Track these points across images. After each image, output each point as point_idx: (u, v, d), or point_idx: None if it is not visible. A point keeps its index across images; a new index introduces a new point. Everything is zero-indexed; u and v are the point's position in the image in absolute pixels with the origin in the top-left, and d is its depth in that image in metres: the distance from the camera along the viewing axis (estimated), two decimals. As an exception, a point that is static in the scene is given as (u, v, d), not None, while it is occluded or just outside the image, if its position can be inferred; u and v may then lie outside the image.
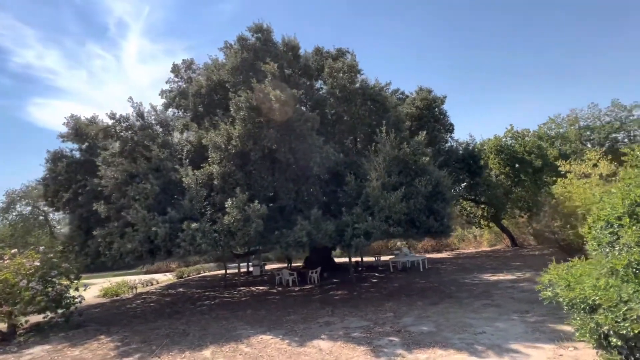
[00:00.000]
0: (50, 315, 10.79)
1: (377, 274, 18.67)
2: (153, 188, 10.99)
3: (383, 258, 24.10)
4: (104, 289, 17.78)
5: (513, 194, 24.94)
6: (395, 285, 14.71)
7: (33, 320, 11.20)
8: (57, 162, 14.41)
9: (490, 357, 6.12)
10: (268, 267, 26.11)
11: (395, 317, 9.43)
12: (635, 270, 5.13)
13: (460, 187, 22.67)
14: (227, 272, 18.74)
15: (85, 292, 12.27)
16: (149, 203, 10.93)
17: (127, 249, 10.35)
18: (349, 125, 15.61)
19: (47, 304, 10.38)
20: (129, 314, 12.87)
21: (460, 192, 23.21)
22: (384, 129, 12.10)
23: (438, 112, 19.78)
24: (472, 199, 24.79)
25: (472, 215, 26.55)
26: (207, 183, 11.64)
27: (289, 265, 23.47)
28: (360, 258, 20.63)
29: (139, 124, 13.15)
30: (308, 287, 16.11)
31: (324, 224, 10.79)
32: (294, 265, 23.68)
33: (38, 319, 11.26)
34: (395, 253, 23.63)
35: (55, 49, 68.56)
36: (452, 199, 14.52)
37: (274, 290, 16.03)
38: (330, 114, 15.82)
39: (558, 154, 23.01)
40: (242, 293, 16.02)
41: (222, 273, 23.40)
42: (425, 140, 12.38)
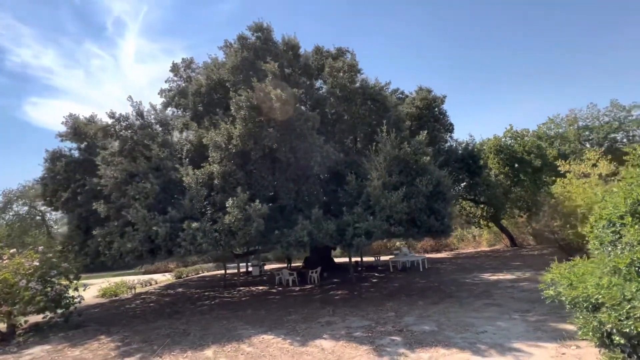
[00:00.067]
0: (50, 315, 10.73)
1: (377, 274, 18.67)
2: (153, 187, 10.95)
3: (382, 258, 24.10)
4: (103, 289, 17.71)
5: (512, 194, 24.99)
6: (396, 285, 14.71)
7: (32, 321, 11.14)
8: (55, 161, 14.33)
9: (493, 356, 6.13)
10: (267, 267, 26.07)
11: (397, 316, 9.42)
12: (638, 269, 5.14)
13: (460, 187, 22.70)
14: (226, 272, 18.68)
15: (84, 292, 12.21)
16: (149, 202, 10.88)
17: (127, 249, 10.30)
18: (349, 125, 15.61)
19: (46, 304, 10.33)
20: (129, 314, 12.82)
21: (460, 192, 23.23)
22: (385, 129, 12.09)
23: (438, 111, 19.80)
24: (471, 199, 24.83)
25: (471, 215, 26.60)
26: (207, 182, 11.61)
27: (289, 265, 23.44)
28: (360, 258, 20.62)
29: (139, 123, 13.11)
30: (308, 287, 16.09)
31: (325, 224, 10.78)
32: (294, 265, 23.66)
33: (37, 319, 11.20)
34: (395, 253, 23.66)
35: (53, 48, 68.35)
36: (452, 199, 14.54)
37: (274, 290, 16.00)
38: (331, 114, 15.82)
39: (557, 154, 23.08)
40: (242, 293, 15.99)
41: (221, 273, 23.36)
42: (426, 140, 12.37)
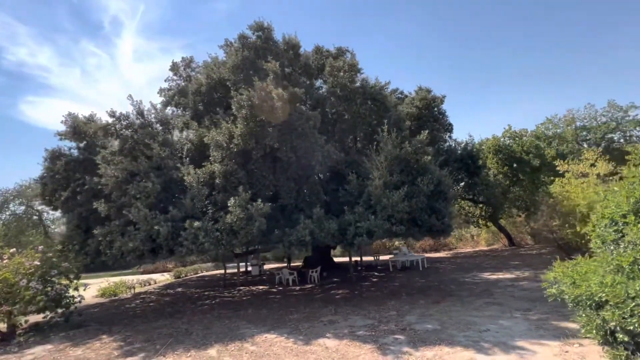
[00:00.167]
0: (50, 315, 10.68)
1: (376, 273, 18.72)
2: (154, 186, 10.92)
3: (382, 257, 24.16)
4: (102, 289, 17.64)
5: (511, 194, 25.11)
6: (396, 284, 14.75)
7: (32, 320, 11.09)
8: (55, 160, 14.23)
9: (497, 354, 6.17)
10: (266, 266, 26.05)
11: (399, 315, 9.46)
12: (642, 268, 5.19)
13: (459, 186, 22.78)
14: (226, 271, 18.66)
15: (85, 292, 12.16)
16: (151, 201, 10.86)
17: (129, 248, 10.27)
18: (350, 124, 15.63)
19: (46, 304, 10.27)
20: (129, 314, 12.78)
21: (459, 191, 23.33)
22: (386, 128, 12.12)
23: (437, 111, 19.87)
24: (470, 199, 24.93)
25: (470, 215, 26.71)
26: (208, 182, 11.59)
27: (289, 265, 23.44)
28: (360, 257, 20.66)
29: (139, 122, 13.06)
30: (308, 286, 16.11)
31: (327, 223, 10.79)
32: (293, 265, 23.66)
33: (37, 319, 11.16)
34: (394, 252, 23.72)
35: (49, 47, 67.84)
36: (453, 198, 14.61)
37: (274, 290, 16.00)
38: (331, 113, 15.84)
39: (555, 154, 23.19)
40: (242, 292, 15.97)
41: (220, 273, 23.33)
42: (427, 140, 12.42)
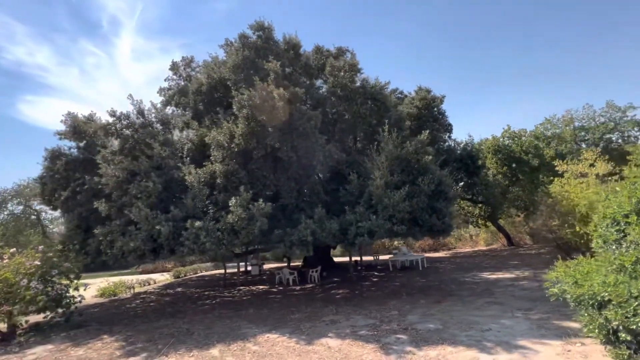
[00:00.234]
0: (51, 315, 10.65)
1: (376, 273, 18.75)
2: (155, 186, 10.90)
3: (381, 257, 24.20)
4: (102, 289, 17.58)
5: (510, 194, 25.18)
6: (396, 284, 14.78)
7: (32, 320, 11.05)
8: (55, 160, 14.18)
9: (500, 353, 6.19)
10: (265, 266, 26.05)
11: (400, 315, 9.48)
12: (644, 267, 5.23)
13: (458, 186, 22.84)
14: (226, 271, 18.64)
15: (85, 292, 12.13)
16: (152, 201, 10.83)
17: (130, 248, 10.24)
18: (350, 124, 15.64)
19: (46, 304, 10.23)
20: (130, 314, 12.76)
21: (458, 191, 23.39)
22: (387, 128, 12.14)
23: (437, 111, 19.93)
24: (469, 199, 25.00)
25: (469, 215, 26.78)
26: (209, 181, 11.58)
27: (289, 265, 23.44)
28: (360, 257, 20.68)
29: (140, 122, 13.01)
30: (309, 286, 16.12)
31: (328, 223, 10.80)
32: (293, 265, 23.66)
33: (37, 319, 11.12)
34: (394, 252, 23.77)
35: (47, 46, 67.44)
36: (453, 198, 14.65)
37: (275, 290, 16.00)
38: (331, 113, 15.83)
39: (554, 154, 23.28)
40: (242, 292, 15.97)
41: (219, 273, 23.31)
42: (428, 140, 12.45)
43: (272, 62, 12.33)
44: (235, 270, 20.36)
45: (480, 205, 25.58)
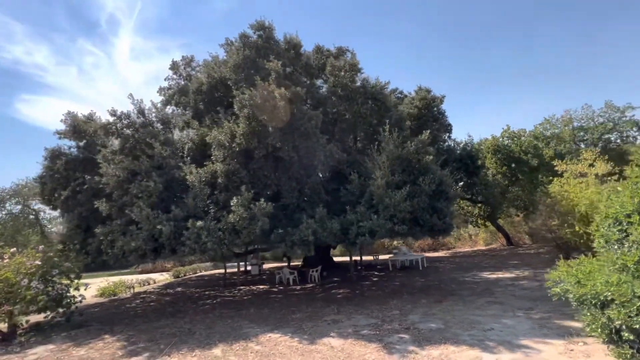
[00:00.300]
0: (51, 315, 10.63)
1: (376, 273, 18.78)
2: (156, 186, 10.88)
3: (381, 257, 24.22)
4: (101, 289, 17.54)
5: (510, 193, 25.26)
6: (397, 284, 14.80)
7: (32, 320, 11.01)
8: (55, 159, 14.13)
9: (503, 352, 6.21)
10: (265, 266, 26.04)
11: (402, 314, 9.49)
12: (647, 267, 5.25)
13: (458, 186, 22.89)
14: (226, 271, 18.63)
15: (85, 291, 12.10)
16: (153, 201, 10.82)
17: (131, 247, 10.22)
18: (350, 124, 15.65)
19: (47, 304, 10.21)
20: (130, 314, 12.73)
21: (458, 191, 23.44)
22: (387, 128, 12.15)
23: (437, 111, 19.96)
24: (468, 198, 25.05)
25: (468, 214, 26.84)
26: (210, 181, 11.57)
27: (289, 264, 23.44)
28: (360, 257, 20.69)
29: (140, 121, 12.98)
30: (309, 285, 16.12)
31: (329, 223, 10.80)
32: (293, 264, 23.66)
33: (38, 319, 11.09)
34: (394, 252, 23.79)
35: (45, 45, 67.13)
36: (454, 198, 14.69)
37: (275, 289, 15.99)
38: (332, 113, 15.83)
39: (553, 154, 23.35)
40: (243, 292, 15.96)
41: (219, 272, 23.29)
42: (428, 140, 12.47)
43: (273, 61, 12.32)
44: (235, 270, 20.36)
45: (480, 205, 25.64)
